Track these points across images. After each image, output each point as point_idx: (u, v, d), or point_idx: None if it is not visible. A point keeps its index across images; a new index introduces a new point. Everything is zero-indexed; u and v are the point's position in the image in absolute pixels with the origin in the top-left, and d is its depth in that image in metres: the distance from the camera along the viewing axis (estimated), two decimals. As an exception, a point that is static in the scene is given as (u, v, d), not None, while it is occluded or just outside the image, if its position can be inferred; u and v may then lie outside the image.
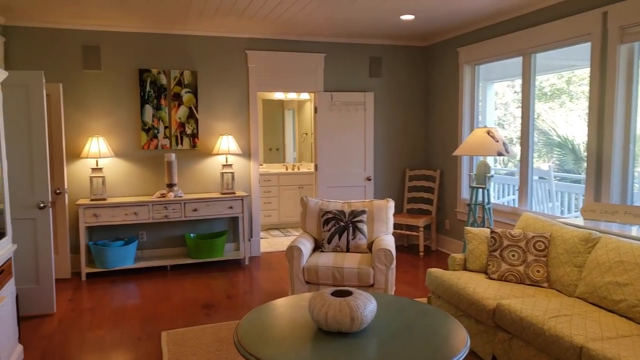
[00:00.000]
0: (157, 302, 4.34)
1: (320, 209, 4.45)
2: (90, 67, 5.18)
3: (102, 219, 4.97)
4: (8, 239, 3.14)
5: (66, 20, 4.94)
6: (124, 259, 5.13)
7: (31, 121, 3.84)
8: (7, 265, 3.11)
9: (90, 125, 5.24)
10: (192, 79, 5.53)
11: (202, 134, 5.65)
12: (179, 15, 4.73)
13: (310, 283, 3.96)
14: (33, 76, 3.83)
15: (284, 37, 5.82)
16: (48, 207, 3.93)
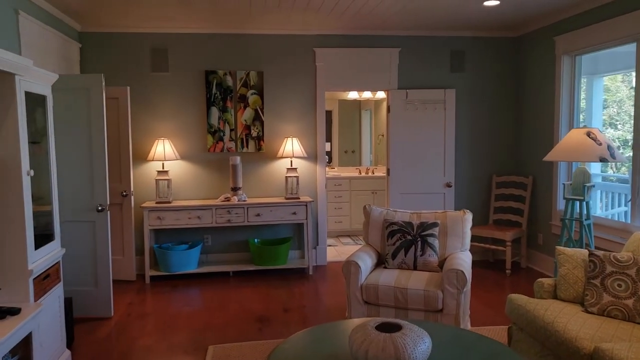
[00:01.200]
0: (212, 312, 4.16)
1: (384, 219, 4.01)
2: (158, 69, 5.18)
3: (166, 222, 4.93)
4: (56, 243, 3.10)
5: (136, 24, 4.97)
6: (187, 263, 5.05)
7: (91, 124, 3.83)
8: (54, 270, 3.06)
9: (157, 127, 5.24)
10: (258, 79, 5.34)
11: (268, 136, 5.44)
12: (243, 11, 4.53)
13: (369, 303, 3.54)
14: (93, 79, 3.82)
15: (354, 33, 5.44)
16: (106, 210, 3.90)
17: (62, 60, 4.47)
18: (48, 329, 2.91)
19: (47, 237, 3.02)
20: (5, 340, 2.26)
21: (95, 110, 3.82)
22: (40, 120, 3.03)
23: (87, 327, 3.81)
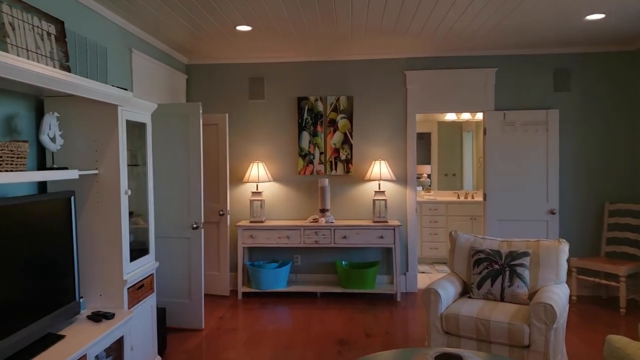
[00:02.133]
0: (296, 331, 4.24)
1: (471, 246, 3.82)
2: (255, 97, 5.51)
3: (258, 240, 5.17)
4: (151, 257, 3.40)
5: (236, 56, 5.36)
6: (277, 282, 5.22)
7: (189, 148, 4.18)
8: (148, 281, 3.35)
9: (252, 151, 5.55)
10: (348, 104, 5.44)
11: (356, 159, 5.49)
12: (338, 40, 4.70)
13: (449, 334, 3.37)
14: (192, 107, 4.18)
15: (446, 54, 5.33)
16: (200, 228, 4.20)
17: (169, 90, 4.97)
18: (140, 335, 3.19)
19: (142, 251, 3.33)
20: (98, 341, 2.53)
21: (193, 136, 4.17)
22: (140, 145, 3.39)
23: (179, 337, 4.10)
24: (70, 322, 2.71)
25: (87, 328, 2.62)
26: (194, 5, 3.57)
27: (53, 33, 2.56)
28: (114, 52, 3.80)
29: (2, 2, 2.21)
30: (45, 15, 2.51)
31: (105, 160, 2.90)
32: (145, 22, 3.97)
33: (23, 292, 2.34)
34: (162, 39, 4.57)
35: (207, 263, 5.26)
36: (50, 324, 2.50)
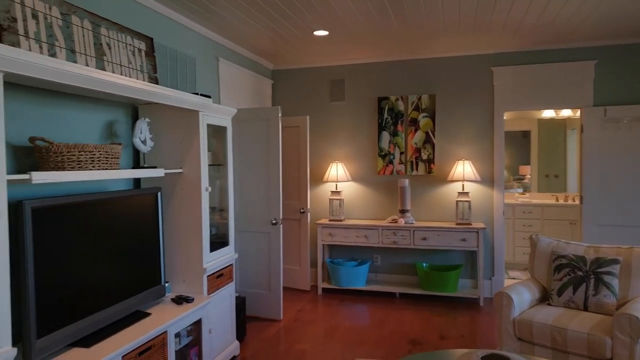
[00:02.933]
0: (370, 328, 4.32)
1: (552, 251, 3.62)
2: (336, 99, 5.66)
3: (337, 238, 5.31)
4: (230, 248, 3.69)
5: (318, 60, 5.56)
6: (355, 280, 5.33)
7: (269, 149, 4.45)
8: (228, 271, 3.65)
9: (332, 151, 5.71)
10: (430, 103, 5.38)
11: (438, 159, 5.41)
12: (417, 39, 4.71)
13: (522, 340, 3.24)
14: (272, 111, 4.44)
15: (537, 48, 5.05)
16: (279, 224, 4.44)
17: (255, 94, 5.30)
18: (218, 320, 3.49)
19: (223, 243, 3.63)
20: (177, 320, 2.83)
21: (273, 137, 4.42)
22: (222, 146, 3.69)
23: (258, 326, 4.37)
24: (156, 303, 3.06)
25: (169, 309, 2.94)
26: (273, 14, 3.81)
27: (143, 49, 2.92)
28: (202, 61, 4.18)
29: (101, 26, 2.58)
30: (136, 34, 2.87)
31: (189, 160, 3.22)
32: (231, 32, 4.31)
33: (119, 273, 2.71)
34: (247, 47, 4.90)
35: (288, 258, 5.52)
36: (139, 303, 2.86)
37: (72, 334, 2.36)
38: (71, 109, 2.71)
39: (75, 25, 2.41)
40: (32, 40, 2.13)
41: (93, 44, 2.51)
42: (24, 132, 2.42)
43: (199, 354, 3.17)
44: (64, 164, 2.30)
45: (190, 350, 3.09)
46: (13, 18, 2.06)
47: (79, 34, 2.42)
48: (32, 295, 2.14)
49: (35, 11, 2.18)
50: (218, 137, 3.74)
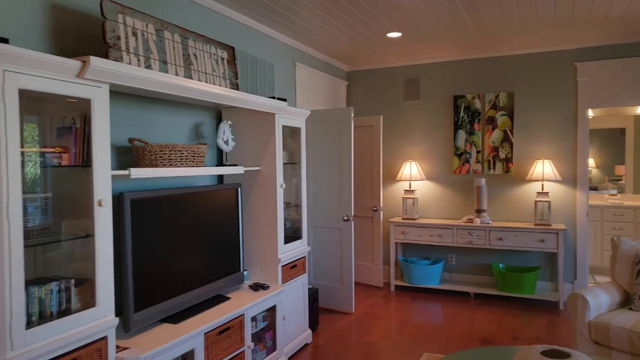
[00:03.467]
0: (441, 326, 4.35)
1: (636, 254, 3.45)
2: (411, 98, 5.71)
3: (409, 237, 5.37)
4: (303, 242, 3.92)
5: (392, 60, 5.65)
6: (429, 278, 5.35)
7: (342, 149, 4.62)
8: (301, 262, 3.88)
9: (406, 150, 5.76)
10: (508, 100, 5.26)
11: (517, 158, 5.27)
12: (494, 36, 4.66)
13: (599, 344, 3.14)
14: (344, 112, 4.61)
15: (627, 41, 4.77)
16: (351, 221, 4.61)
17: (330, 96, 5.51)
18: (291, 308, 3.72)
19: (296, 237, 3.87)
20: (253, 305, 3.10)
21: (345, 137, 4.59)
22: (296, 146, 3.93)
23: (330, 317, 4.57)
24: (235, 288, 3.36)
25: (247, 294, 3.22)
26: (347, 20, 3.98)
27: (225, 57, 3.22)
28: (279, 66, 4.45)
29: (189, 39, 2.91)
30: (220, 44, 3.18)
31: (266, 158, 3.49)
32: (307, 37, 4.54)
33: (203, 259, 3.02)
34: (322, 51, 5.11)
35: (361, 255, 5.66)
36: (220, 287, 3.16)
37: (163, 311, 2.69)
38: (163, 113, 3.07)
39: (167, 39, 2.74)
40: (132, 55, 2.48)
41: (182, 55, 2.83)
42: (124, 134, 2.80)
43: (274, 338, 3.42)
44: (157, 161, 2.63)
45: (265, 334, 3.35)
46: (117, 36, 2.41)
47: (170, 47, 2.75)
48: (130, 274, 2.49)
49: (134, 29, 2.52)
50: (293, 137, 3.98)
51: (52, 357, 1.92)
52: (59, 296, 2.07)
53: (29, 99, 2.08)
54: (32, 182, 2.08)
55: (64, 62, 1.92)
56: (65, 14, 2.47)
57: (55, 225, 2.19)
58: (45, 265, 2.20)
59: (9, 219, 1.76)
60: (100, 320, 2.13)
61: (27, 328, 1.84)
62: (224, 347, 2.85)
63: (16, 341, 1.78)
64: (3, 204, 1.74)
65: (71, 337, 1.98)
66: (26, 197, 2.00)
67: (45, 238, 2.08)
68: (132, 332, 2.53)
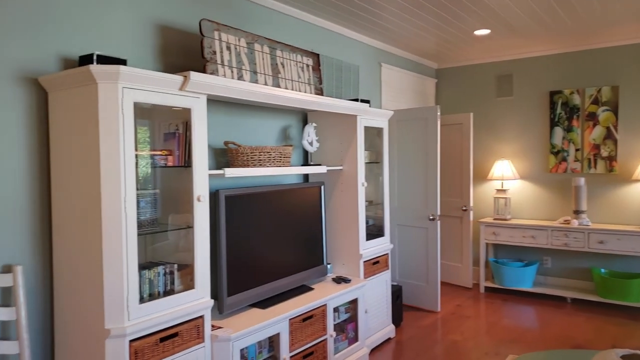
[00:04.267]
0: (530, 329, 4.23)
1: None
2: (503, 94, 5.55)
3: (501, 237, 5.23)
4: (386, 239, 4.04)
5: (483, 56, 5.53)
6: (521, 281, 5.18)
7: (427, 147, 4.65)
8: (383, 259, 4.00)
9: (498, 148, 5.60)
10: (612, 95, 4.92)
11: (622, 156, 4.91)
12: (593, 28, 4.42)
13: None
14: (430, 110, 4.64)
15: None
16: (436, 220, 4.63)
17: (417, 94, 5.54)
18: (374, 302, 3.87)
19: (379, 234, 4.00)
20: (335, 296, 3.30)
21: (431, 136, 4.62)
22: (378, 145, 4.06)
23: (415, 315, 4.63)
24: (319, 280, 3.58)
25: (329, 286, 3.43)
26: (432, 20, 4.03)
27: (310, 64, 3.45)
28: (365, 67, 4.61)
29: (277, 49, 3.17)
30: (305, 52, 3.41)
31: (348, 158, 3.67)
32: (393, 38, 4.64)
33: (289, 252, 3.29)
34: (409, 50, 5.17)
35: (450, 255, 5.62)
36: (304, 278, 3.40)
37: (252, 297, 2.98)
38: (255, 117, 3.38)
39: (257, 51, 3.02)
40: (226, 67, 2.79)
41: (270, 64, 3.10)
42: (221, 137, 3.13)
43: (356, 330, 3.59)
44: (248, 162, 2.93)
45: (347, 325, 3.53)
46: (213, 51, 2.73)
47: (260, 58, 3.03)
48: (225, 262, 2.80)
49: (228, 44, 2.83)
50: (376, 137, 4.11)
51: (160, 329, 2.26)
52: (165, 278, 2.42)
53: (141, 109, 2.46)
54: (143, 180, 2.46)
55: (169, 78, 2.25)
56: (171, 33, 2.85)
57: (162, 218, 2.56)
58: (154, 251, 2.58)
59: (126, 211, 2.12)
60: (198, 301, 2.45)
61: (140, 303, 2.19)
62: (308, 334, 3.08)
63: (132, 313, 2.14)
64: (121, 198, 2.10)
65: (174, 314, 2.31)
66: (139, 193, 2.37)
67: (154, 228, 2.44)
68: (225, 314, 2.85)
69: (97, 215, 2.08)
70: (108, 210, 2.07)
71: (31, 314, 2.25)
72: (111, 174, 2.07)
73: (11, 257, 2.18)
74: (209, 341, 2.50)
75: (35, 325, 2.27)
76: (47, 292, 2.31)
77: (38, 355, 2.28)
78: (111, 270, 2.09)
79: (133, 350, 2.15)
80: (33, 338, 2.26)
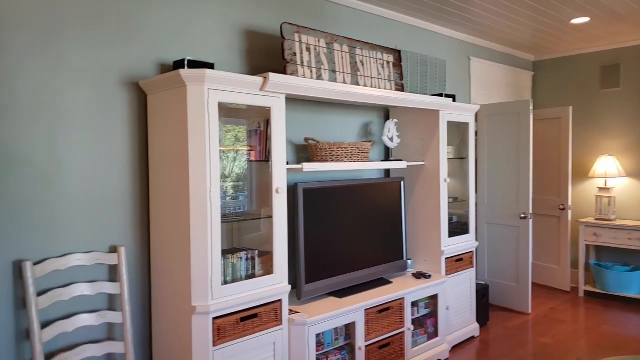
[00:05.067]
0: (634, 337, 3.88)
1: None
2: (608, 86, 5.11)
3: (602, 239, 4.84)
4: (470, 236, 3.95)
5: (584, 46, 5.14)
6: (627, 286, 4.75)
7: (519, 143, 4.45)
8: (468, 257, 3.92)
9: (601, 144, 5.17)
10: None
11: None
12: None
13: None
14: (523, 104, 4.43)
15: None
16: (528, 219, 4.42)
17: (510, 88, 5.29)
18: (456, 299, 3.81)
19: (463, 231, 3.93)
20: (414, 291, 3.32)
21: (523, 131, 4.41)
22: (464, 141, 3.98)
23: (502, 315, 4.46)
24: (397, 275, 3.61)
25: (408, 281, 3.45)
26: (523, 11, 3.85)
27: (391, 61, 3.49)
28: (452, 62, 4.52)
29: (356, 48, 3.26)
30: (385, 49, 3.46)
31: (429, 154, 3.65)
32: (482, 31, 4.50)
33: (367, 244, 3.37)
34: (501, 43, 4.96)
35: (544, 255, 5.30)
36: (382, 272, 3.46)
37: (329, 286, 3.11)
38: (334, 114, 3.50)
39: (336, 50, 3.14)
40: (306, 67, 2.94)
41: (349, 63, 3.20)
42: (302, 134, 3.30)
43: (435, 325, 3.57)
44: (326, 157, 3.06)
45: (427, 320, 3.53)
46: (294, 53, 2.89)
47: (339, 57, 3.15)
48: (302, 251, 2.96)
49: (308, 45, 2.98)
50: (461, 132, 4.03)
51: (241, 309, 2.47)
52: (247, 263, 2.64)
53: (229, 108, 2.69)
54: (228, 174, 2.69)
55: (249, 79, 2.45)
56: (256, 37, 3.06)
57: (247, 207, 2.78)
58: (237, 238, 2.81)
59: (211, 201, 2.35)
60: (276, 285, 2.63)
61: (223, 285, 2.42)
62: (384, 325, 3.14)
63: (215, 293, 2.37)
64: (207, 189, 2.33)
65: (254, 296, 2.51)
66: (224, 185, 2.60)
67: (237, 217, 2.66)
68: (303, 301, 3.01)
69: (185, 204, 2.33)
70: (195, 200, 2.32)
71: (132, 290, 2.58)
72: (198, 168, 2.31)
73: (116, 239, 2.52)
74: (286, 324, 2.67)
75: (136, 299, 2.60)
76: (145, 271, 2.63)
77: (138, 325, 2.61)
78: (197, 254, 2.33)
79: (216, 327, 2.38)
80: (134, 310, 2.59)
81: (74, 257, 2.36)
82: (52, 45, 2.29)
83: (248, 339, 2.51)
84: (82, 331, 2.42)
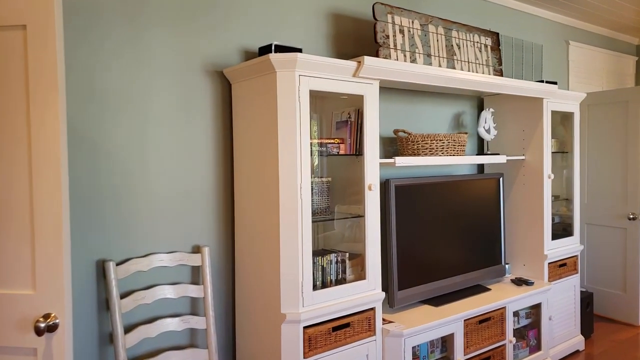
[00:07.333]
0: None
1: None
2: None
3: None
4: (575, 239, 3.52)
5: None
6: None
7: (628, 135, 3.94)
8: (572, 262, 3.50)
9: None
10: None
11: None
12: None
13: None
14: (632, 92, 3.91)
15: None
16: (638, 220, 3.90)
17: (611, 75, 4.74)
18: (559, 309, 3.40)
19: (566, 233, 3.50)
20: (516, 299, 2.97)
21: (633, 121, 3.90)
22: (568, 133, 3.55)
23: (608, 327, 3.97)
24: (495, 281, 3.26)
25: (508, 288, 3.09)
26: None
27: (489, 44, 3.13)
28: (549, 47, 4.07)
29: (452, 29, 2.94)
30: (483, 31, 3.11)
31: (531, 147, 3.26)
32: (583, 12, 4.02)
33: (463, 248, 3.05)
34: (603, 25, 4.44)
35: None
36: (479, 277, 3.12)
37: (423, 293, 2.82)
38: (425, 104, 3.20)
39: (431, 32, 2.83)
40: (399, 51, 2.66)
41: (445, 46, 2.89)
42: (390, 126, 3.02)
43: (538, 338, 3.19)
44: (418, 150, 2.77)
45: (529, 332, 3.16)
46: (386, 35, 2.62)
47: (434, 40, 2.84)
48: (395, 254, 2.69)
49: (401, 27, 2.70)
50: (564, 124, 3.60)
51: (332, 318, 2.24)
52: (337, 267, 2.40)
53: (314, 97, 2.46)
54: (317, 168, 2.47)
55: (343, 64, 2.21)
56: (343, 20, 2.81)
57: (333, 206, 2.54)
58: (325, 239, 2.58)
59: (302, 198, 2.13)
60: (369, 292, 2.37)
61: (314, 290, 2.19)
62: (484, 337, 2.82)
63: (306, 300, 2.15)
64: (297, 185, 2.11)
65: (346, 304, 2.27)
66: (313, 181, 2.37)
67: (326, 216, 2.43)
68: (396, 309, 2.73)
69: (274, 202, 2.12)
70: (285, 196, 2.10)
71: (216, 293, 2.41)
72: (288, 161, 2.10)
73: (200, 238, 2.36)
74: (380, 335, 2.42)
75: (219, 303, 2.43)
76: (229, 274, 2.46)
77: (221, 331, 2.44)
78: (287, 256, 2.12)
79: (307, 337, 2.16)
80: (217, 315, 2.42)
81: (157, 257, 2.22)
82: (140, 37, 2.15)
83: (339, 350, 2.27)
84: (165, 336, 2.27)
